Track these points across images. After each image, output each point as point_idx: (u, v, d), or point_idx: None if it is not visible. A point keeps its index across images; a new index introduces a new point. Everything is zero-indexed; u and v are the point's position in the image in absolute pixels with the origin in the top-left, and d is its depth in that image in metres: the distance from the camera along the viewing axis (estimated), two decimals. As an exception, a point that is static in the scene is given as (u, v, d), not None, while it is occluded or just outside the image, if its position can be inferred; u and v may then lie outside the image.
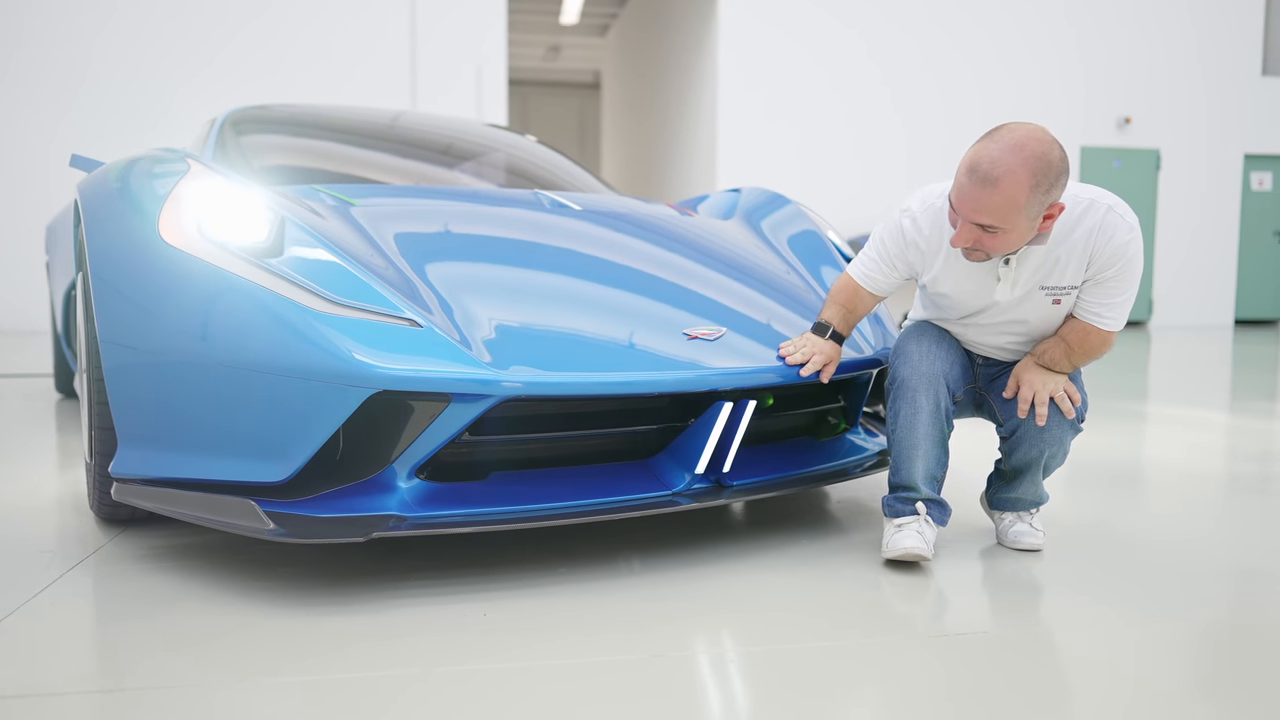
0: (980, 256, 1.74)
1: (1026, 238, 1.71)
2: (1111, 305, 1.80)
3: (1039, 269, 1.79)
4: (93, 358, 1.84)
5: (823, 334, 1.97)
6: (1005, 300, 1.83)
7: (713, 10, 10.84)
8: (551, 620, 1.53)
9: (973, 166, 1.65)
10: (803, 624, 1.54)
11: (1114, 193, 1.78)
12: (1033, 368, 1.87)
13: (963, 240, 1.71)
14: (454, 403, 1.60)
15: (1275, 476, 2.75)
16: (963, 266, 1.84)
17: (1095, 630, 1.53)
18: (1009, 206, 1.62)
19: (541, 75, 20.24)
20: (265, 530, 1.56)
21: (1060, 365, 1.85)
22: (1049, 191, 1.64)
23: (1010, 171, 1.61)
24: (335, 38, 9.44)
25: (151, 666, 1.34)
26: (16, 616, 1.52)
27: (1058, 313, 1.85)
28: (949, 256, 1.86)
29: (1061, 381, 1.84)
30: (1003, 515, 2.00)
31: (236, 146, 2.82)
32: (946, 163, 10.84)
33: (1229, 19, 11.80)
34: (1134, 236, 1.75)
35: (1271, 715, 1.23)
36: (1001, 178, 1.61)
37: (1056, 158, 1.63)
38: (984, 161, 1.63)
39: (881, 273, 1.97)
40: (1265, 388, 5.17)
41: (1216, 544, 2.04)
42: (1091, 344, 1.83)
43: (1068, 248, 1.76)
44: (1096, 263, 1.76)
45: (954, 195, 1.70)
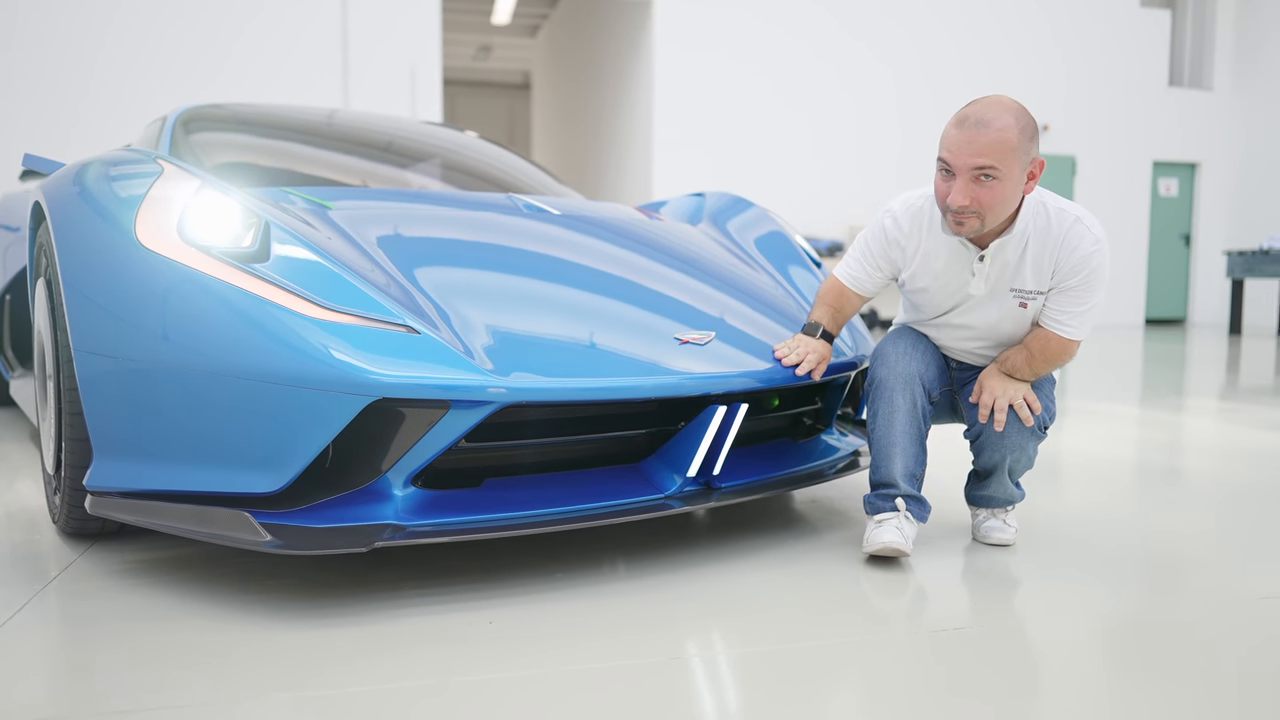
0: (973, 224, 1.78)
1: (1014, 197, 1.77)
2: (1073, 314, 1.86)
3: (1008, 268, 1.86)
4: (65, 367, 1.76)
5: (814, 334, 2.03)
6: (978, 295, 1.89)
7: (648, 13, 10.89)
8: (556, 626, 1.53)
9: (961, 119, 1.76)
10: (797, 621, 1.57)
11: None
12: (995, 374, 1.93)
13: (961, 196, 1.75)
14: (453, 409, 1.59)
15: (1193, 468, 2.90)
16: (939, 261, 1.91)
17: (1066, 620, 1.60)
18: (1004, 145, 1.71)
19: (470, 75, 20.04)
20: (261, 542, 1.52)
21: (1021, 372, 1.91)
22: (1032, 140, 1.76)
23: (999, 115, 1.73)
24: (264, 35, 9.20)
25: (165, 685, 1.29)
26: (5, 634, 1.46)
27: (1025, 317, 1.91)
28: (928, 251, 1.93)
29: (1022, 390, 1.90)
30: (978, 511, 2.07)
31: (190, 146, 2.74)
32: (871, 163, 11.12)
33: (1138, 34, 12.37)
34: (1098, 249, 1.82)
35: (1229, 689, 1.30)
36: (992, 120, 1.73)
37: (1030, 114, 1.77)
38: (972, 112, 1.75)
39: (866, 273, 2.04)
40: (1175, 384, 5.43)
41: (1162, 533, 2.14)
42: (1052, 351, 1.89)
43: (1036, 250, 1.84)
44: (1061, 271, 1.83)
45: (947, 151, 1.76)
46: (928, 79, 11.35)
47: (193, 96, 8.63)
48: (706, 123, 10.85)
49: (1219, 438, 3.50)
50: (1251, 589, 1.76)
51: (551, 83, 16.64)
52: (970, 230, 1.80)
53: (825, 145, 11.17)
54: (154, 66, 8.82)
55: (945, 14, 11.45)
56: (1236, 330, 10.00)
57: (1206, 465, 2.97)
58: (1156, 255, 12.93)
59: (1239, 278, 9.93)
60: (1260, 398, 4.75)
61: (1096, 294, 1.85)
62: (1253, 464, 2.99)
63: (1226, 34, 13.06)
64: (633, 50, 11.52)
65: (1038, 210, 1.85)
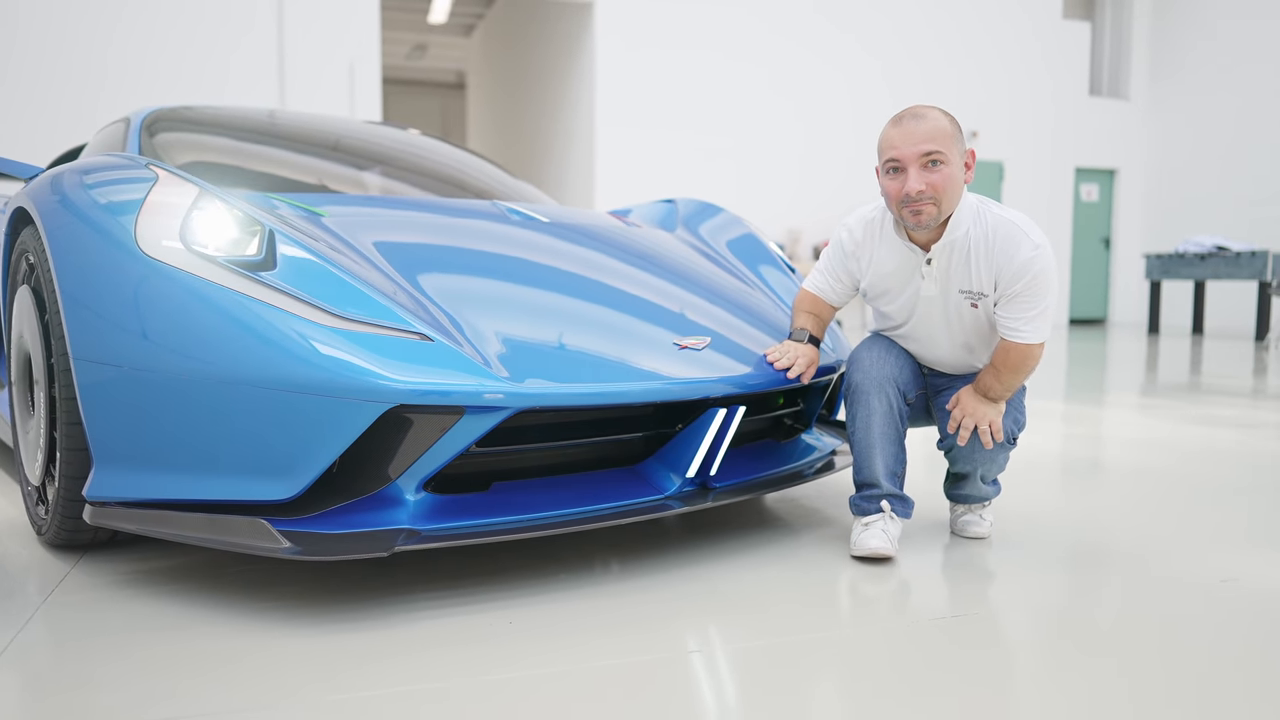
0: (930, 211, 1.87)
1: (960, 184, 1.89)
2: (1024, 319, 1.91)
3: (954, 271, 1.95)
4: (63, 376, 1.74)
5: (801, 339, 2.12)
6: (929, 295, 1.98)
7: (589, 14, 10.92)
8: (569, 625, 1.57)
9: (897, 119, 1.90)
10: (793, 615, 1.64)
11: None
12: (971, 394, 2.00)
13: (917, 181, 1.85)
14: (467, 415, 1.62)
15: (1140, 463, 3.07)
16: (890, 265, 2.02)
17: (1039, 609, 1.70)
18: (943, 131, 1.86)
19: (404, 74, 19.80)
20: (279, 549, 1.53)
21: (993, 390, 1.97)
22: (961, 133, 1.90)
23: (929, 110, 1.89)
24: (196, 33, 8.97)
25: (177, 693, 1.30)
26: (5, 659, 1.44)
27: (978, 316, 1.98)
28: (880, 259, 2.04)
29: (991, 414, 1.97)
30: (956, 506, 2.18)
31: (158, 149, 2.69)
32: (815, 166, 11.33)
33: (1062, 44, 12.86)
34: (1038, 254, 1.88)
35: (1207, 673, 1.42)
36: (926, 113, 1.88)
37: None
38: (905, 112, 1.90)
39: (829, 285, 2.16)
40: (1118, 381, 5.70)
41: (1122, 525, 2.28)
42: (1013, 360, 1.94)
43: (977, 257, 1.92)
44: (1003, 279, 1.90)
45: (892, 148, 1.88)
46: (861, 84, 11.62)
47: (126, 98, 8.40)
48: (649, 124, 10.93)
49: (1164, 433, 3.70)
50: (1211, 574, 1.90)
51: (487, 82, 16.54)
52: (929, 219, 1.88)
53: (767, 147, 11.35)
54: (86, 69, 8.54)
55: (880, 22, 11.74)
56: (1155, 329, 10.48)
57: (1153, 460, 3.15)
58: (1079, 258, 13.47)
59: (1157, 279, 10.40)
60: (1193, 394, 5.02)
61: (1044, 297, 1.90)
62: (1195, 458, 3.17)
63: (1142, 46, 13.67)
64: (574, 51, 11.55)
65: (978, 217, 1.92)
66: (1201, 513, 2.44)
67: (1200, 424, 3.93)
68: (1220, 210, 12.55)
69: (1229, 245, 9.58)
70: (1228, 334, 10.65)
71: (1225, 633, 1.59)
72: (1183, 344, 9.00)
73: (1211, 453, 3.26)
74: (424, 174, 3.09)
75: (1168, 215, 13.44)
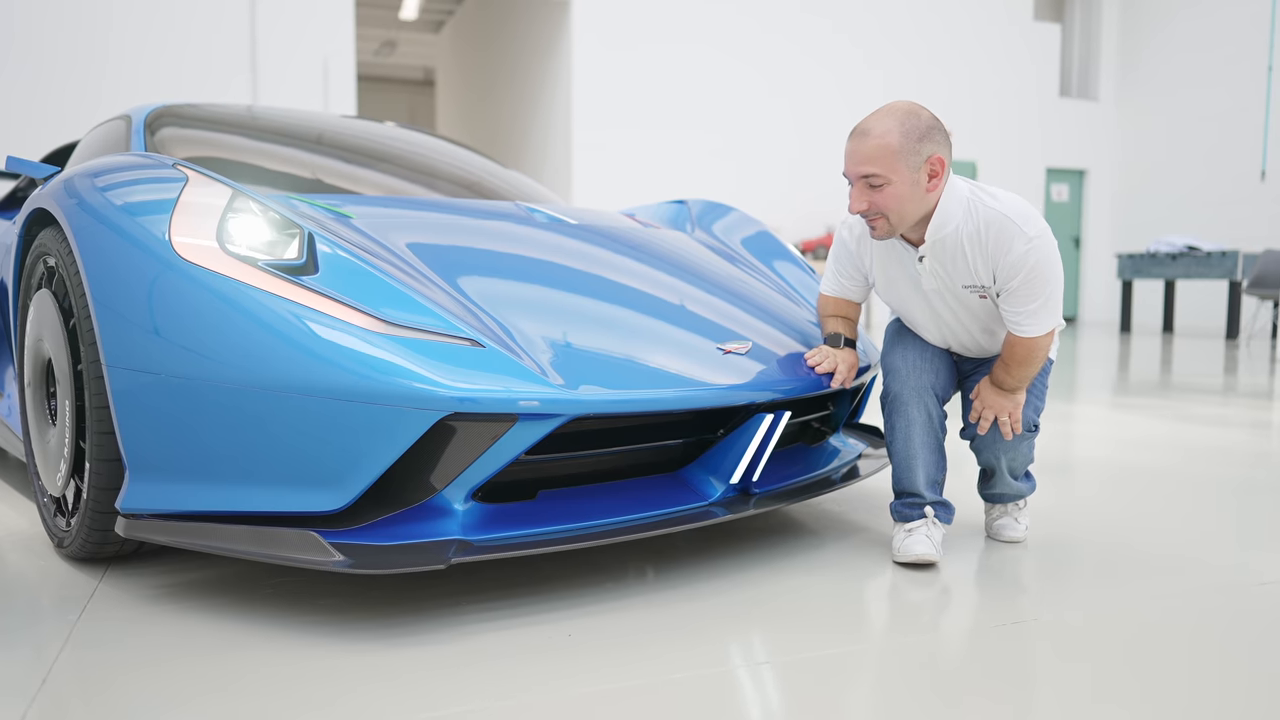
0: (883, 225, 1.84)
1: (915, 196, 1.81)
2: (1026, 313, 1.85)
3: (952, 268, 1.89)
4: (94, 384, 1.67)
5: (837, 344, 2.10)
6: (931, 289, 1.94)
7: (565, 12, 10.86)
8: (626, 637, 1.54)
9: (852, 131, 1.84)
10: (841, 627, 1.63)
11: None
12: (989, 387, 1.99)
13: (856, 202, 1.83)
14: (520, 423, 1.58)
15: (1155, 464, 3.10)
16: (887, 261, 1.99)
17: (1085, 616, 1.70)
18: (883, 151, 1.78)
19: (372, 71, 19.58)
20: (331, 562, 1.48)
21: (1005, 382, 1.95)
22: (922, 141, 1.79)
23: (880, 122, 1.81)
24: (169, 28, 8.79)
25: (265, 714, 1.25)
26: (53, 685, 1.38)
27: (989, 305, 1.93)
28: (876, 255, 2.02)
29: (1008, 405, 1.95)
30: (992, 508, 2.17)
31: (159, 148, 2.61)
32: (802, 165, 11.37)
33: (1032, 46, 13.03)
34: (1032, 246, 1.81)
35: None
36: (872, 128, 1.81)
37: (926, 115, 1.82)
38: (860, 123, 1.84)
39: (843, 285, 2.14)
40: (1086, 380, 5.77)
41: (1153, 527, 2.30)
42: (1019, 354, 1.90)
43: (972, 253, 1.86)
44: (1000, 274, 1.85)
45: (844, 162, 1.85)
46: (834, 82, 11.68)
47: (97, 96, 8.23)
48: (628, 125, 10.90)
49: (1166, 432, 3.74)
50: (1248, 576, 1.91)
51: (457, 81, 16.40)
52: (884, 232, 1.86)
53: (746, 144, 11.37)
54: (56, 67, 8.32)
55: (854, 21, 11.81)
56: (1126, 328, 10.66)
57: (1163, 460, 3.18)
58: (1049, 257, 13.64)
59: (1129, 279, 10.57)
60: (1184, 393, 5.09)
61: (1044, 289, 1.84)
62: (1203, 457, 3.21)
63: (1111, 47, 13.89)
64: (549, 49, 11.48)
65: (970, 212, 1.85)
66: (1225, 513, 2.46)
67: (1201, 423, 3.98)
68: (1190, 210, 12.79)
69: (1200, 245, 9.75)
70: (1198, 333, 10.86)
71: (1272, 636, 1.59)
72: (1157, 343, 9.15)
73: (1219, 452, 3.31)
74: (439, 174, 3.03)
75: (1137, 215, 13.67)
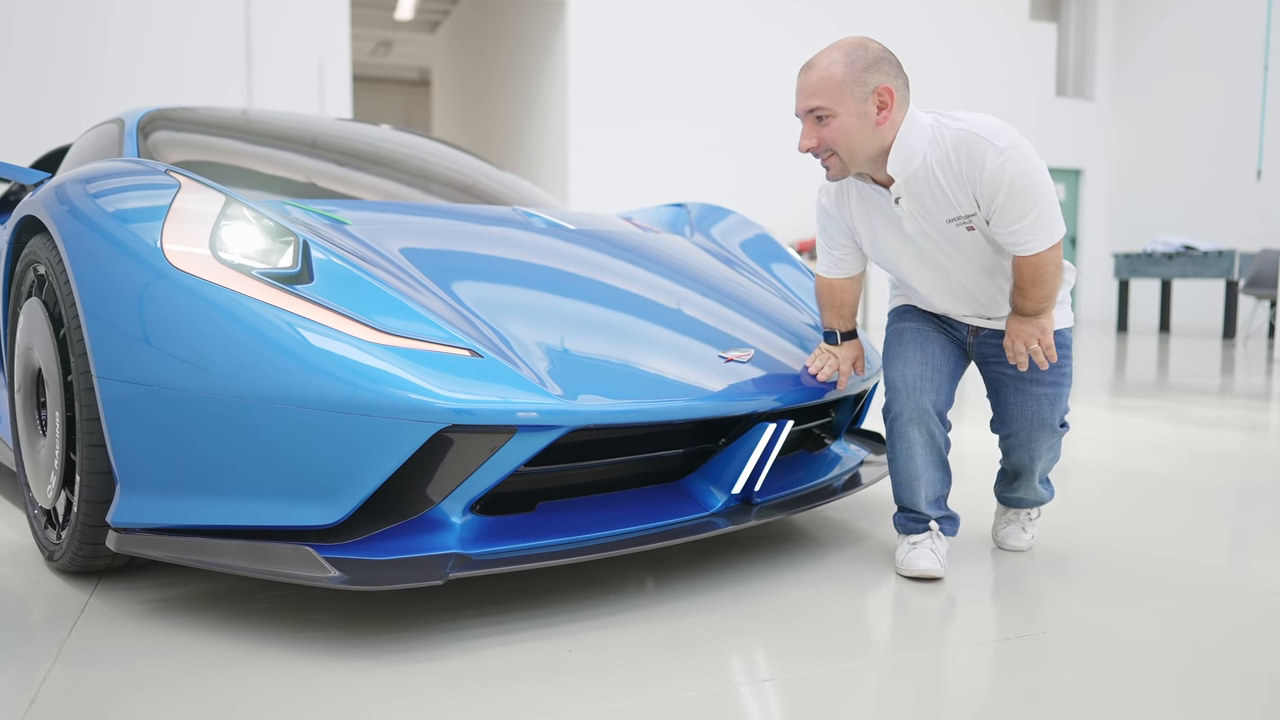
0: (835, 164, 1.79)
1: (864, 129, 1.75)
2: (1020, 230, 1.75)
3: (931, 203, 1.80)
4: (84, 395, 1.64)
5: (834, 341, 2.06)
6: (915, 232, 1.85)
7: (561, 12, 10.83)
8: (629, 653, 1.51)
9: (800, 68, 1.80)
10: (844, 642, 1.60)
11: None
12: (1014, 318, 1.88)
13: (805, 139, 1.78)
14: (519, 435, 1.55)
15: (1160, 469, 3.08)
16: (867, 213, 1.91)
17: (1096, 628, 1.68)
18: (828, 82, 1.74)
19: (368, 71, 19.53)
20: (326, 578, 1.45)
21: (1025, 307, 1.84)
22: (868, 71, 1.74)
23: (825, 55, 1.77)
24: (164, 29, 8.74)
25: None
26: (42, 706, 1.34)
27: (978, 239, 1.84)
28: (857, 211, 1.94)
29: (1035, 332, 1.84)
30: (1005, 512, 2.14)
31: (153, 152, 2.58)
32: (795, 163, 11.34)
33: (1028, 46, 13.02)
34: (1006, 158, 1.70)
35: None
36: (817, 61, 1.77)
37: (876, 46, 1.78)
38: (808, 59, 1.80)
39: (834, 258, 2.05)
40: (1085, 380, 5.75)
41: (1160, 533, 2.27)
42: (1028, 275, 1.80)
43: (946, 181, 1.77)
44: (981, 195, 1.75)
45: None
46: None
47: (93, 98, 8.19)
48: (624, 125, 10.88)
49: (1168, 435, 3.72)
50: (1260, 585, 1.89)
51: (453, 81, 16.36)
52: (837, 171, 1.81)
53: (743, 141, 11.34)
54: (51, 70, 8.28)
55: (851, 19, 11.78)
56: (1124, 328, 10.65)
57: (1166, 463, 3.16)
58: (1046, 256, 13.63)
59: (1125, 278, 10.56)
60: (1183, 394, 5.08)
61: (1033, 200, 1.73)
62: (1208, 461, 3.19)
63: (1107, 47, 13.88)
64: (545, 49, 11.44)
65: (935, 141, 1.77)
66: (1231, 519, 2.44)
67: (1202, 425, 3.97)
68: (1186, 210, 12.78)
69: (1196, 245, 9.75)
70: (1194, 332, 10.85)
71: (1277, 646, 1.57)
72: (1154, 343, 9.14)
73: (1223, 456, 3.29)
74: (432, 177, 3.00)
75: (1133, 215, 13.67)
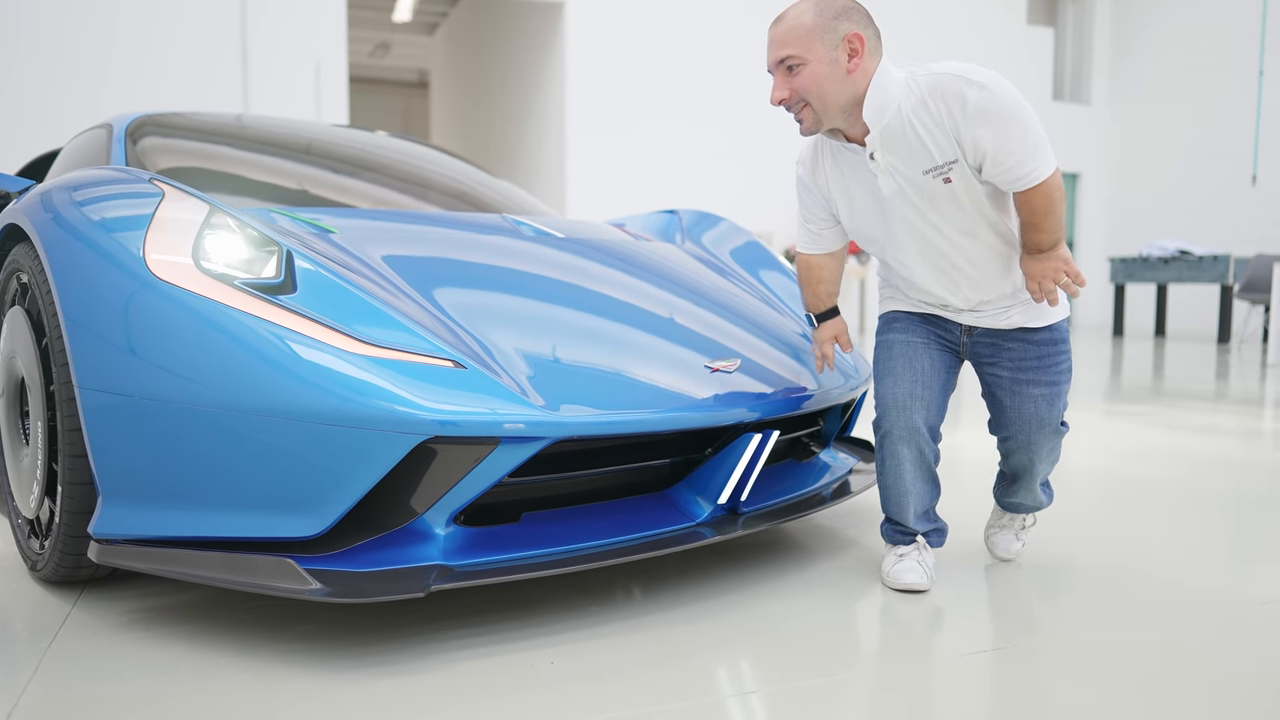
0: (809, 115, 1.77)
1: (836, 76, 1.73)
2: (1018, 161, 1.71)
3: (907, 155, 1.76)
4: (65, 405, 1.63)
5: (815, 324, 2.07)
6: (892, 191, 1.80)
7: (559, 16, 10.83)
8: (612, 665, 1.50)
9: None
10: (831, 653, 1.60)
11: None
12: (1030, 260, 1.82)
13: (777, 91, 1.76)
14: (502, 446, 1.54)
15: (1145, 475, 3.08)
16: (850, 177, 1.87)
17: (1087, 639, 1.67)
18: (797, 30, 1.72)
19: (367, 73, 19.54)
20: (307, 591, 1.44)
21: (1042, 241, 1.79)
22: (838, 19, 1.72)
23: (796, 6, 1.76)
24: (159, 31, 8.73)
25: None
26: (22, 716, 1.34)
27: (955, 193, 1.78)
28: (832, 177, 1.90)
29: (1058, 264, 1.79)
30: (1001, 515, 2.12)
31: (142, 157, 2.57)
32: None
33: (1025, 50, 13.03)
34: (986, 91, 1.68)
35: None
36: (787, 13, 1.76)
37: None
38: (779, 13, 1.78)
39: (812, 236, 2.01)
40: (1080, 385, 5.75)
41: (1147, 541, 2.27)
42: (1039, 204, 1.75)
43: (924, 126, 1.73)
44: (965, 134, 1.71)
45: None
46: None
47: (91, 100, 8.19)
48: (621, 128, 10.87)
49: (1165, 442, 3.72)
50: (1249, 595, 1.88)
51: (451, 83, 16.35)
52: (811, 123, 1.78)
53: (743, 143, 11.33)
54: (46, 70, 8.27)
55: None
56: (1119, 332, 10.65)
57: (1162, 471, 3.15)
58: (1042, 260, 13.63)
59: (1121, 282, 10.57)
60: (1180, 400, 5.07)
61: (1023, 127, 1.69)
62: (1205, 469, 3.19)
63: (1104, 52, 13.89)
64: (543, 53, 11.44)
65: (909, 89, 1.74)
66: (1225, 528, 2.43)
67: (1200, 432, 3.96)
68: (1182, 214, 12.79)
69: (1191, 249, 9.75)
70: (1189, 336, 10.86)
71: (1274, 661, 1.57)
72: (1150, 347, 9.14)
73: (1220, 463, 3.28)
74: (423, 184, 2.99)
75: (1130, 219, 13.68)
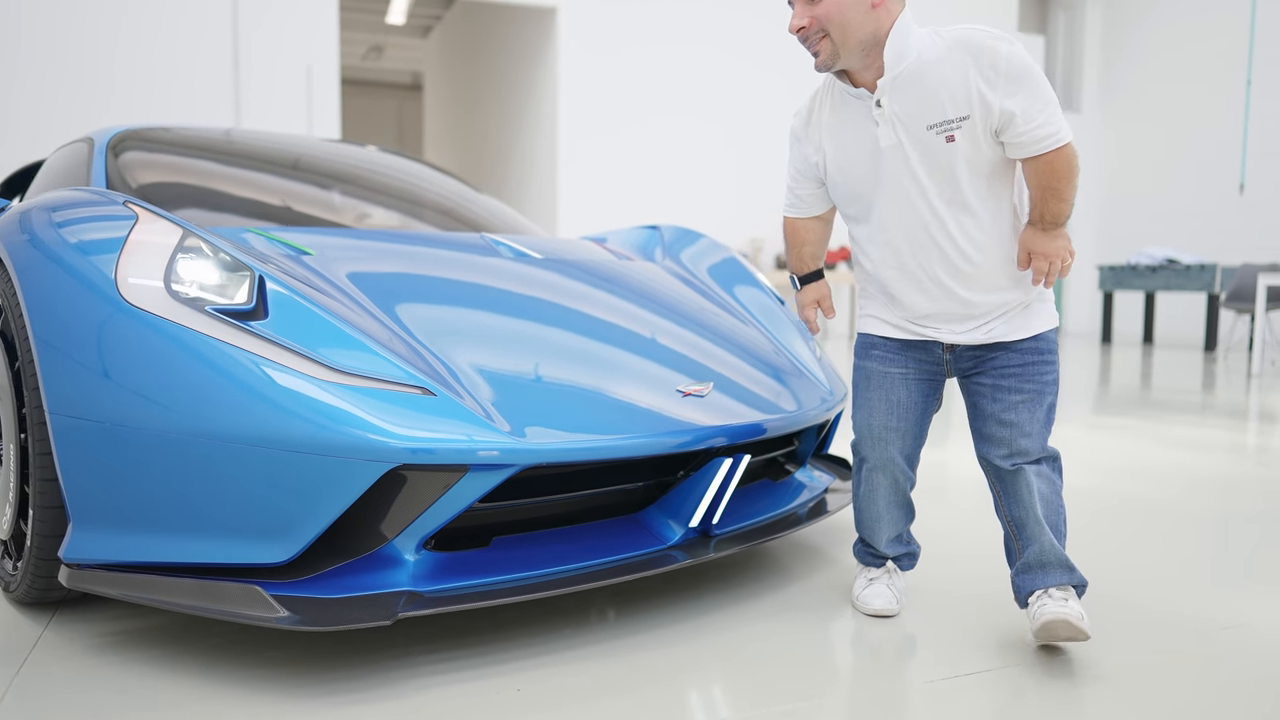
0: (826, 48, 1.70)
1: (859, 9, 1.66)
2: (1043, 121, 1.65)
3: (916, 106, 1.70)
4: (37, 430, 1.64)
5: (799, 286, 2.03)
6: (890, 145, 1.73)
7: (551, 22, 10.84)
8: (579, 691, 1.52)
9: None
10: (802, 678, 1.61)
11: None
12: (1035, 234, 1.74)
13: (796, 19, 1.70)
14: (472, 472, 1.55)
15: (1112, 490, 3.10)
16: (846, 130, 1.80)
17: (1057, 662, 1.69)
18: None
19: (360, 75, 19.51)
20: (275, 619, 1.45)
21: (1059, 213, 1.72)
22: None
23: None
24: (150, 34, 8.72)
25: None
26: (-15, 736, 1.34)
27: (956, 157, 1.70)
28: (830, 125, 1.83)
29: (1065, 244, 1.73)
30: (1034, 595, 1.75)
31: (123, 172, 2.57)
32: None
33: (1016, 56, 13.03)
34: (1014, 48, 1.66)
35: None
36: None
37: None
38: None
39: (799, 199, 1.95)
40: (1071, 393, 5.78)
41: (1115, 563, 2.29)
42: (1061, 169, 1.68)
43: (944, 75, 1.68)
44: (988, 83, 1.65)
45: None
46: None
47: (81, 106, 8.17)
48: (613, 129, 10.88)
49: (1146, 457, 3.74)
50: (1213, 618, 1.90)
51: (445, 86, 16.35)
52: (827, 56, 1.71)
53: (739, 150, 11.34)
54: (39, 76, 8.25)
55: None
56: (1108, 339, 10.70)
57: (1136, 488, 3.17)
58: (1033, 267, 13.68)
59: (1110, 290, 10.61)
60: (1164, 412, 5.10)
61: (1039, 85, 1.65)
62: (1180, 485, 3.21)
63: (1094, 60, 13.95)
64: (535, 59, 11.45)
65: (932, 41, 1.70)
66: (1197, 547, 2.45)
67: (1179, 447, 3.98)
68: (1171, 223, 12.85)
69: (1179, 258, 9.80)
70: (1176, 344, 10.91)
71: (1232, 685, 1.58)
72: (1138, 354, 9.18)
73: (1198, 479, 3.30)
74: (405, 200, 3.00)
75: (1119, 227, 13.73)
